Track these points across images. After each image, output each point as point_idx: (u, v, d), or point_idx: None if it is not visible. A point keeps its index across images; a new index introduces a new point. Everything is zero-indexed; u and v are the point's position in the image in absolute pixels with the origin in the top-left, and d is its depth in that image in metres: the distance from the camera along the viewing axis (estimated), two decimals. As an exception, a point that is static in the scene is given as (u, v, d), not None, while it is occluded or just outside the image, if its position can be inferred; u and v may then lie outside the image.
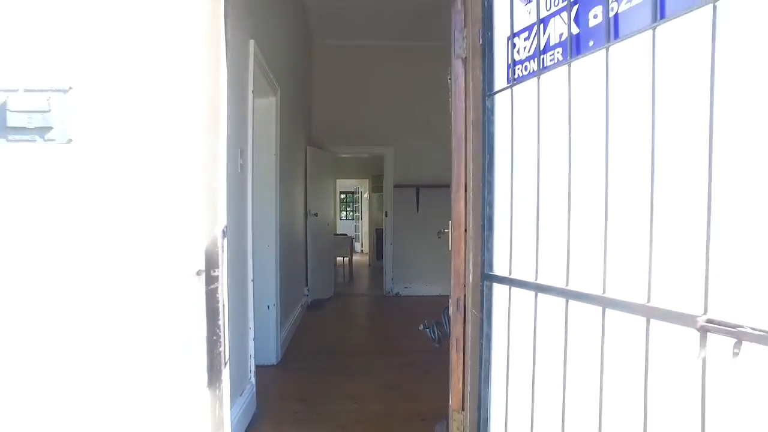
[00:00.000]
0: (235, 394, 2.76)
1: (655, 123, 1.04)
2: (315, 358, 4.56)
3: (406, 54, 7.10)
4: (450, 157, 1.89)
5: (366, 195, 15.18)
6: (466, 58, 1.80)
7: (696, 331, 0.92)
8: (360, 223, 17.01)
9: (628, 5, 1.11)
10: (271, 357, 4.11)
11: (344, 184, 15.42)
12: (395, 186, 7.51)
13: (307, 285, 6.55)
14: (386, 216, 7.74)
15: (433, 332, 2.33)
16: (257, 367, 3.39)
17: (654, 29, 1.02)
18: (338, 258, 9.80)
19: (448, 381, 1.96)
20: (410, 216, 7.42)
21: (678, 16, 0.98)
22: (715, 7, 0.89)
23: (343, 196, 17.53)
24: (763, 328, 0.82)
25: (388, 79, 7.24)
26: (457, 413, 1.93)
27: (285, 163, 4.53)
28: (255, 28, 3.35)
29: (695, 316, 0.92)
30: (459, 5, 1.80)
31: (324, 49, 7.26)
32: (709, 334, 0.90)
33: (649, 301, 1.05)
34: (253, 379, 3.29)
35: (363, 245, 15.86)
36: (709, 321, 0.90)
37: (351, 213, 18.35)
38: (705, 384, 0.93)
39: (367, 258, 13.35)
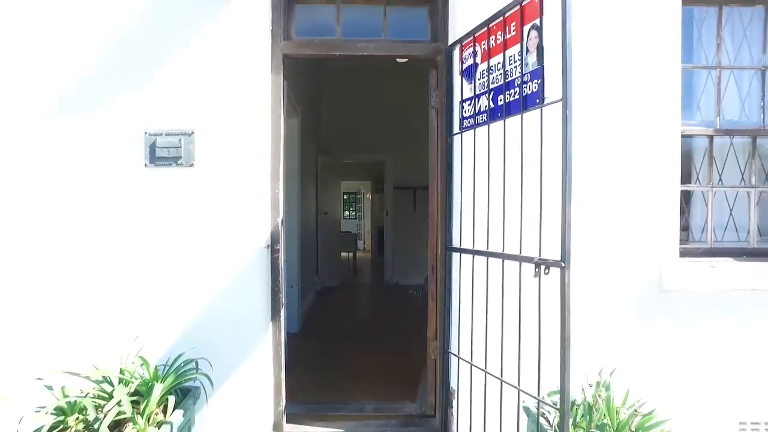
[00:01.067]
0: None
1: (523, 159, 2.03)
2: (327, 329, 5.54)
3: (404, 72, 8.05)
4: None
5: (368, 196, 16.14)
6: (437, 109, 2.80)
7: (534, 265, 1.91)
8: (362, 222, 17.96)
9: (513, 98, 2.09)
10: (294, 327, 5.09)
11: (348, 185, 16.37)
12: (395, 188, 8.47)
13: (317, 274, 7.52)
14: (387, 215, 8.71)
15: (418, 293, 3.29)
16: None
17: (522, 114, 2.01)
18: (343, 253, 10.75)
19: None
20: (408, 214, 8.37)
21: (532, 109, 1.97)
22: (541, 110, 1.88)
23: (346, 196, 18.46)
24: (555, 259, 1.80)
25: (388, 95, 8.18)
26: (432, 341, 2.92)
27: (302, 170, 5.50)
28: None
29: (534, 258, 1.91)
30: (433, 80, 2.80)
31: (332, 69, 8.22)
32: (540, 266, 1.89)
33: (521, 253, 2.04)
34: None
35: (365, 243, 16.82)
36: (540, 259, 1.89)
37: (354, 212, 19.30)
38: (540, 287, 1.92)
39: (369, 255, 14.31)
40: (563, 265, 1.77)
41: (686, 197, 2.94)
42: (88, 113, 2.54)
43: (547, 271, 1.86)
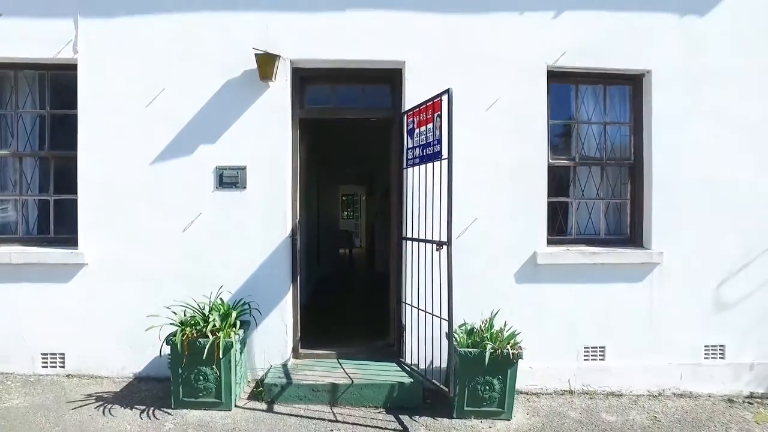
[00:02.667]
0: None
1: (433, 184, 3.70)
2: (327, 300, 7.21)
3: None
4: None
5: (363, 198, 17.79)
6: (395, 151, 4.46)
7: (437, 246, 3.57)
8: (359, 222, 19.62)
9: (429, 152, 3.75)
10: (303, 300, 6.73)
11: (346, 189, 18.01)
12: (381, 192, 10.12)
13: (319, 263, 9.18)
14: (377, 215, 10.37)
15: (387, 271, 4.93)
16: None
17: (433, 163, 3.68)
18: (341, 250, 12.38)
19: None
20: (395, 215, 10.03)
21: (436, 161, 3.63)
22: (441, 162, 3.54)
23: (345, 198, 20.10)
24: (444, 241, 3.47)
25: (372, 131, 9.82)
26: (392, 296, 4.59)
27: (308, 179, 7.15)
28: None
29: (438, 240, 3.58)
30: (394, 133, 4.46)
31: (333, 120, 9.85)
32: (440, 245, 3.56)
33: (433, 238, 3.71)
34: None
35: (362, 241, 18.48)
36: (438, 242, 3.56)
37: (351, 213, 20.96)
38: (441, 257, 3.59)
39: (364, 252, 15.95)
40: (447, 243, 3.43)
41: (564, 206, 4.61)
42: (185, 155, 4.21)
43: (440, 248, 3.52)
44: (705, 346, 4.52)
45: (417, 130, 3.99)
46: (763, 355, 4.53)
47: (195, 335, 3.59)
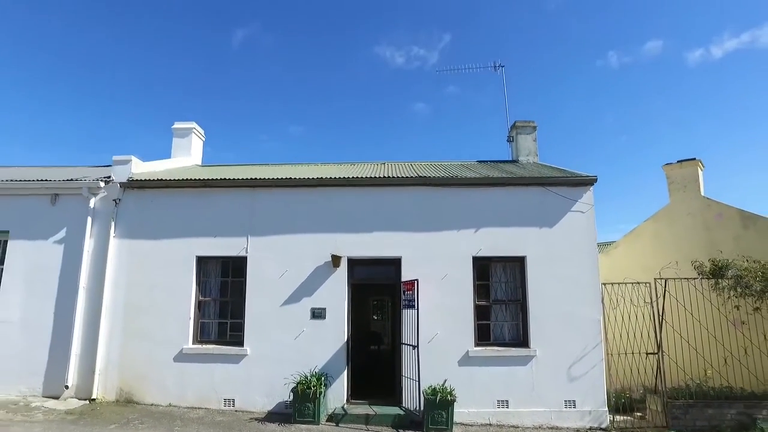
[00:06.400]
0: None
1: (414, 320, 8.20)
2: (364, 376, 11.41)
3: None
4: (395, 318, 9.09)
5: (390, 304, 22.07)
6: (397, 300, 8.99)
7: (413, 347, 8.00)
8: (386, 323, 23.72)
9: (411, 303, 8.28)
10: (352, 374, 11.00)
11: (376, 297, 22.38)
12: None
13: (357, 355, 13.41)
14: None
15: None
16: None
17: (411, 310, 8.21)
18: (372, 346, 16.51)
19: (395, 367, 9.00)
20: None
21: (411, 310, 8.15)
22: (416, 310, 8.06)
23: (375, 302, 24.43)
24: (415, 345, 7.91)
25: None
26: (396, 372, 8.91)
27: (354, 307, 11.66)
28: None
29: (414, 344, 8.02)
30: (398, 292, 9.05)
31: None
32: (413, 347, 7.98)
33: (409, 342, 8.14)
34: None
35: (388, 339, 22.50)
36: (411, 345, 7.99)
37: (381, 315, 25.14)
38: (417, 355, 8.01)
39: (389, 347, 19.99)
40: (415, 346, 7.85)
41: (486, 325, 8.97)
42: (296, 302, 8.86)
43: (414, 349, 7.91)
44: (564, 400, 8.57)
45: (406, 291, 8.54)
46: (596, 405, 8.53)
47: (304, 388, 7.97)
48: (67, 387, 8.80)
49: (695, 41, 52.29)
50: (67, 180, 9.50)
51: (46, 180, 9.53)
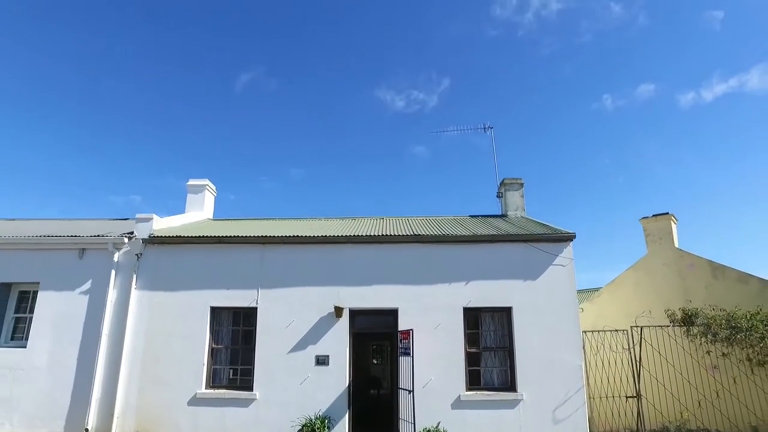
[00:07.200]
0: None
1: (410, 366, 8.99)
2: (364, 417, 12.04)
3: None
4: (393, 364, 9.89)
5: (389, 349, 22.67)
6: (393, 347, 9.80)
7: (408, 392, 8.76)
8: (386, 367, 24.21)
9: (406, 351, 9.09)
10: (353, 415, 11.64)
11: (375, 341, 22.99)
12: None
13: (358, 399, 14.03)
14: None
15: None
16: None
17: (407, 357, 9.03)
18: (372, 391, 17.07)
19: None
20: (407, 367, 15.06)
21: (406, 357, 8.96)
22: (411, 358, 8.88)
23: (374, 346, 24.95)
24: (410, 389, 8.69)
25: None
26: (395, 415, 9.63)
27: (355, 354, 12.40)
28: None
29: (409, 389, 8.79)
30: (395, 341, 9.89)
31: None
32: (411, 393, 8.76)
33: (406, 388, 8.92)
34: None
35: (388, 383, 22.97)
36: (408, 390, 8.76)
37: (380, 359, 25.65)
38: (413, 399, 8.78)
39: (389, 392, 20.49)
40: (410, 390, 8.62)
41: (477, 371, 9.74)
42: (302, 349, 9.65)
43: (410, 393, 8.68)
44: (549, 442, 9.28)
45: (402, 340, 9.36)
46: (578, 447, 9.22)
47: (309, 429, 8.68)
48: (87, 430, 9.48)
49: (687, 84, 54.49)
50: (95, 236, 10.45)
51: (75, 236, 10.48)
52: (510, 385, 9.63)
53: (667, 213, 12.57)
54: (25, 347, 10.06)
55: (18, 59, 40.83)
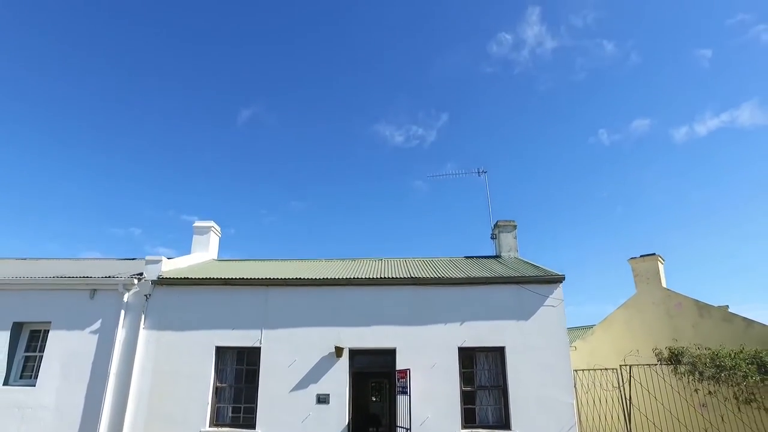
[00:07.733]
0: None
1: (408, 404, 9.35)
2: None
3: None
4: (391, 402, 10.22)
5: (388, 386, 22.81)
6: (393, 383, 10.17)
7: (406, 430, 9.10)
8: (385, 404, 24.27)
9: (403, 389, 9.47)
10: (347, 461, 11.86)
11: (374, 378, 23.14)
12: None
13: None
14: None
15: (391, 440, 10.27)
16: None
17: (403, 396, 9.39)
18: (371, 429, 17.22)
19: None
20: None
21: (403, 395, 9.33)
22: (408, 395, 9.25)
23: (373, 383, 25.05)
24: (408, 428, 9.03)
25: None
26: (393, 454, 9.92)
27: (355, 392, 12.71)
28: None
29: (407, 428, 9.13)
30: (393, 379, 10.26)
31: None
32: (405, 428, 9.09)
33: (402, 425, 9.26)
34: None
35: (387, 420, 23.00)
36: (404, 428, 9.10)
37: (379, 397, 25.68)
38: None
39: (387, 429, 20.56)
40: (408, 429, 8.96)
41: (472, 409, 10.08)
42: (303, 388, 10.01)
43: (407, 431, 9.02)
44: (543, 481, 9.54)
45: (399, 379, 9.73)
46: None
47: (310, 468, 8.98)
48: (93, 467, 9.75)
49: (680, 119, 55.81)
50: (106, 277, 10.94)
51: (87, 277, 10.96)
52: (504, 423, 9.94)
53: (654, 254, 13.10)
54: (34, 386, 10.40)
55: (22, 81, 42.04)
